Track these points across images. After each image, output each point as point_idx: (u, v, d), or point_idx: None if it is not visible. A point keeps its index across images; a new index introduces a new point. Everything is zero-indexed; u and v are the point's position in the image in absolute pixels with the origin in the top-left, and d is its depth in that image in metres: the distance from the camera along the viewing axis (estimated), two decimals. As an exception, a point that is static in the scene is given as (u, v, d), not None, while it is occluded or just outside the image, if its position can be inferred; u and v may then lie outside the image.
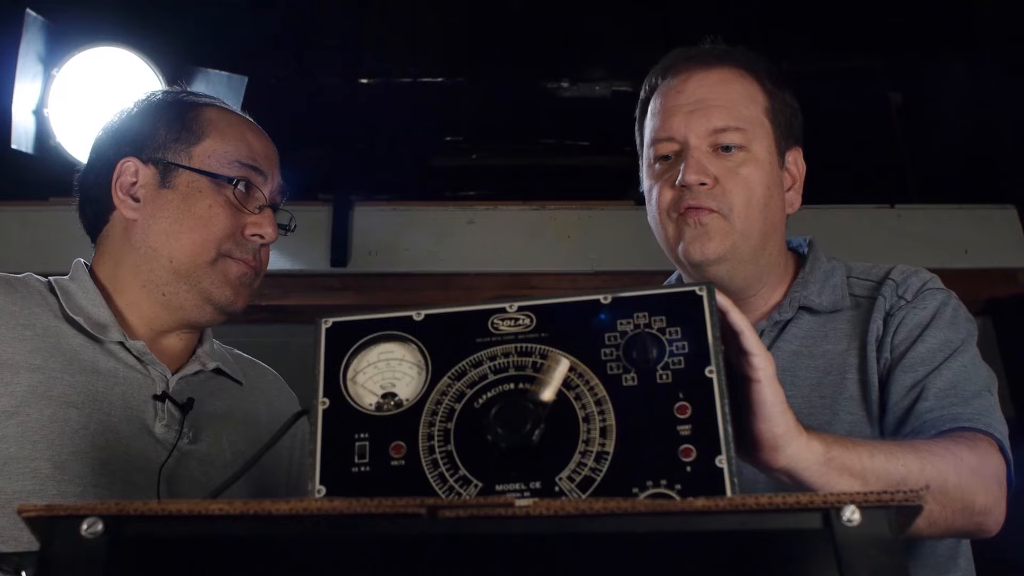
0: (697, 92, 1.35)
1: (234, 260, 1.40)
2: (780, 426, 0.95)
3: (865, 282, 1.40)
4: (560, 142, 3.60)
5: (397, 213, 3.23)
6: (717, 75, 1.37)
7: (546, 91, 3.48)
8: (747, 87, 1.38)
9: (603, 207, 3.20)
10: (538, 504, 0.69)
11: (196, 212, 1.39)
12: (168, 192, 1.41)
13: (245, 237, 1.41)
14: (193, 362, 1.43)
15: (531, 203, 3.26)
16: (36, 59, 2.67)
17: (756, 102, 1.37)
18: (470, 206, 3.27)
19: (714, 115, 1.33)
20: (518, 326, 0.87)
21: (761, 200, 1.34)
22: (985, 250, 3.19)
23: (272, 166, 1.47)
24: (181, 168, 1.41)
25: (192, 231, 1.38)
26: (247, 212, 1.42)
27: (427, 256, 3.16)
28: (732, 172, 1.32)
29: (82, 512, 0.70)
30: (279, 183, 1.48)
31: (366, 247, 3.17)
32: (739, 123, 1.33)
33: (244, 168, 1.42)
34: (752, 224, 1.33)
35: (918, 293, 1.34)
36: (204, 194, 1.40)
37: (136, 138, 1.45)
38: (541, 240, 3.20)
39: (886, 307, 1.34)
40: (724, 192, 1.31)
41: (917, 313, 1.32)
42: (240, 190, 1.41)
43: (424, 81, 3.50)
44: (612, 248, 3.12)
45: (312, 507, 0.71)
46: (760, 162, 1.34)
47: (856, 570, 0.66)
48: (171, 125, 1.44)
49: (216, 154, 1.42)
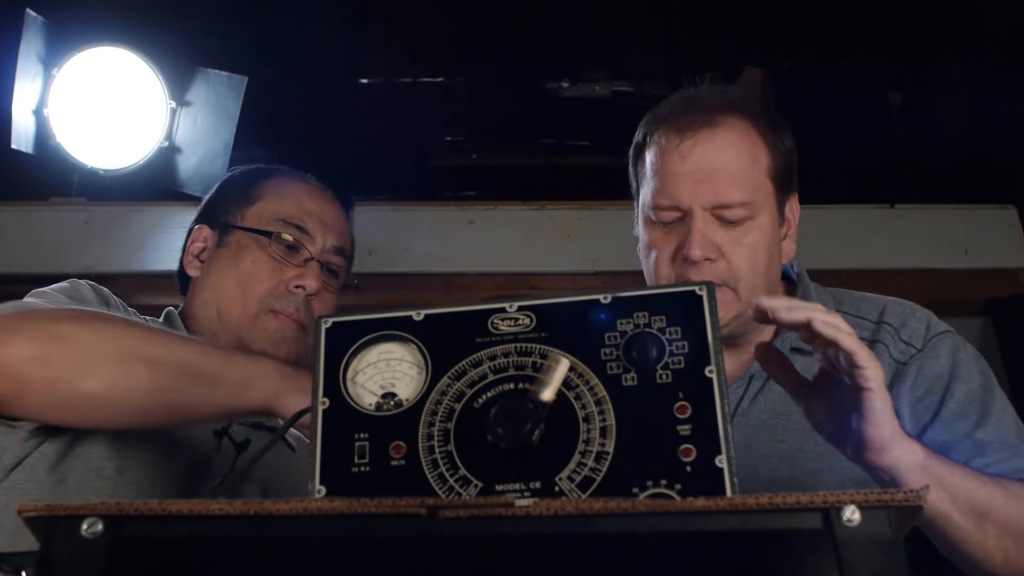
0: (703, 160, 1.32)
1: (275, 315, 1.45)
2: (888, 430, 1.01)
3: (857, 320, 1.38)
4: (560, 142, 3.60)
5: (397, 213, 3.22)
6: (722, 138, 1.33)
7: (546, 91, 3.47)
8: (752, 147, 1.35)
9: (603, 207, 3.19)
10: (538, 504, 0.70)
11: (241, 266, 1.47)
12: (222, 250, 1.51)
13: (289, 290, 1.47)
14: None
15: (531, 203, 3.26)
16: (36, 59, 2.67)
17: (760, 165, 1.35)
18: (470, 206, 3.26)
19: (721, 188, 1.31)
20: (518, 326, 0.87)
21: (764, 264, 1.34)
22: (985, 250, 3.19)
23: (325, 227, 1.54)
24: (234, 228, 1.51)
25: (237, 285, 1.46)
26: (291, 266, 1.48)
27: (427, 256, 3.16)
28: (737, 243, 1.31)
29: (82, 512, 0.70)
30: (333, 244, 1.54)
31: (366, 247, 3.16)
32: (745, 196, 1.31)
33: (287, 226, 1.50)
34: (757, 290, 1.32)
35: (927, 341, 1.34)
36: (249, 250, 1.49)
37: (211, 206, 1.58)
38: (541, 240, 3.19)
39: (892, 352, 1.33)
40: (729, 266, 1.31)
41: (933, 364, 1.32)
42: (282, 245, 1.48)
43: (424, 81, 3.50)
44: (612, 248, 3.12)
45: (312, 507, 0.71)
46: (764, 228, 1.34)
47: (856, 570, 0.66)
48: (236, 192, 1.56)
49: (265, 214, 1.52)
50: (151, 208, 2.99)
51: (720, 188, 1.31)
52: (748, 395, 1.38)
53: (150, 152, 2.88)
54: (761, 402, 1.37)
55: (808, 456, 1.30)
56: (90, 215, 2.97)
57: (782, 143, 1.39)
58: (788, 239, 1.41)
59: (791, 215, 1.42)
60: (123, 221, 2.96)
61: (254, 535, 0.71)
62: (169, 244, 1.60)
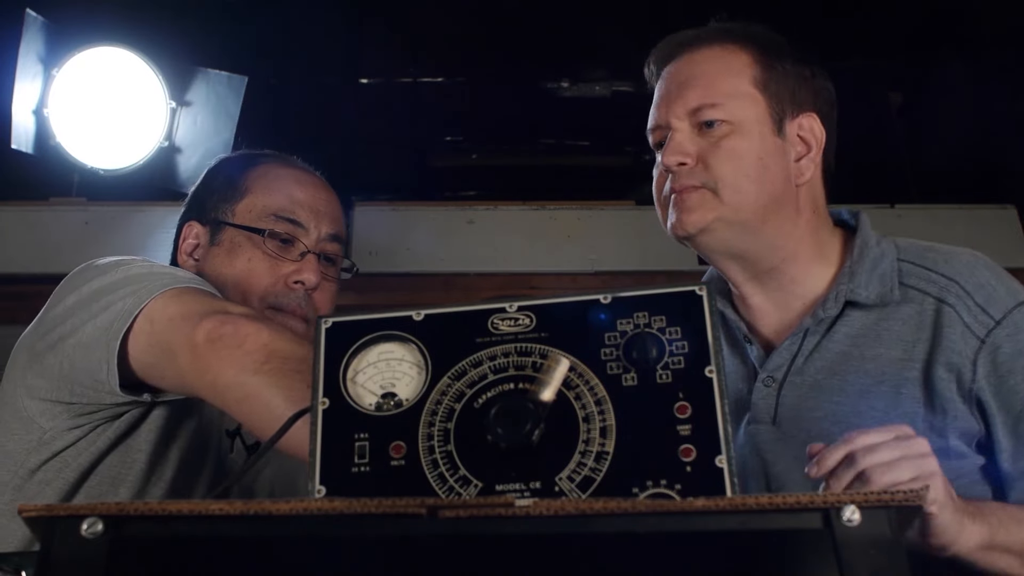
0: (679, 76, 1.35)
1: (279, 312, 1.44)
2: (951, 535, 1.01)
3: (920, 270, 1.31)
4: (560, 142, 3.60)
5: (397, 213, 3.23)
6: (701, 55, 1.36)
7: (546, 91, 3.47)
8: (732, 61, 1.34)
9: (603, 207, 3.20)
10: (538, 504, 0.69)
11: (237, 265, 1.45)
12: (216, 248, 1.48)
13: (288, 286, 1.45)
14: None
15: (531, 203, 3.26)
16: (36, 59, 2.67)
17: (742, 75, 1.33)
18: (470, 206, 3.26)
19: (690, 94, 1.32)
20: (518, 326, 0.87)
21: (752, 171, 1.29)
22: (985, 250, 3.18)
23: (318, 216, 1.50)
24: (226, 225, 1.48)
25: (235, 285, 1.44)
26: (287, 261, 1.45)
27: (427, 256, 3.16)
28: (715, 147, 1.29)
29: (82, 512, 0.70)
30: (328, 233, 1.51)
31: (366, 247, 3.17)
32: (716, 98, 1.30)
33: (279, 221, 1.46)
34: (744, 196, 1.28)
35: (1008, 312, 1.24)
36: (243, 248, 1.45)
37: (200, 201, 1.54)
38: (541, 240, 3.19)
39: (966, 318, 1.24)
40: (707, 167, 1.29)
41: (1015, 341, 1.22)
42: (275, 241, 1.45)
43: (424, 81, 3.50)
44: (612, 248, 3.12)
45: (312, 507, 0.71)
46: (748, 133, 1.30)
47: (856, 570, 0.66)
48: (223, 186, 1.52)
49: (255, 209, 1.48)
50: (151, 208, 2.99)
51: (690, 94, 1.32)
52: (803, 352, 1.31)
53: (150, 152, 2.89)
54: (817, 360, 1.30)
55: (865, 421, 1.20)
56: (90, 215, 2.97)
57: (780, 62, 1.35)
58: (806, 160, 1.35)
59: (808, 136, 1.35)
60: (123, 221, 2.96)
61: (254, 535, 0.71)
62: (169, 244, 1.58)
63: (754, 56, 1.35)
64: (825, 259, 1.36)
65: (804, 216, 1.34)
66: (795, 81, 1.36)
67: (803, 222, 1.34)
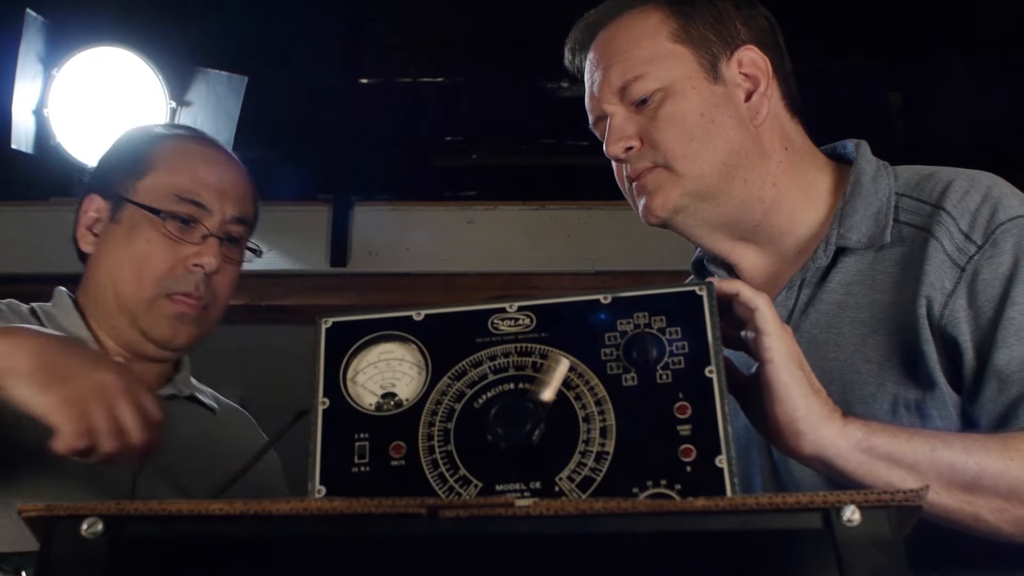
0: (597, 59, 1.25)
1: (171, 300, 1.39)
2: (800, 408, 0.90)
3: (914, 203, 1.16)
4: (560, 142, 3.60)
5: (397, 213, 3.23)
6: (613, 30, 1.25)
7: (546, 91, 3.47)
8: (642, 25, 1.23)
9: (603, 207, 3.20)
10: (538, 504, 0.70)
11: (135, 246, 1.39)
12: (115, 226, 1.42)
13: (187, 269, 1.39)
14: (168, 386, 1.44)
15: (531, 203, 3.26)
16: (36, 59, 2.67)
17: (658, 34, 1.22)
18: (470, 206, 3.27)
19: (612, 74, 1.21)
20: (518, 326, 0.87)
21: (697, 127, 1.18)
22: (985, 250, 3.19)
23: (223, 197, 1.44)
24: (127, 202, 1.42)
25: (131, 265, 1.39)
26: (187, 243, 1.40)
27: (427, 256, 3.16)
28: (652, 119, 1.19)
29: (82, 512, 0.70)
30: (232, 215, 1.45)
31: (366, 247, 3.17)
32: (637, 69, 1.19)
33: (181, 202, 1.41)
34: (699, 161, 1.18)
35: (989, 233, 1.08)
36: (143, 228, 1.40)
37: (103, 173, 1.48)
38: (541, 240, 3.20)
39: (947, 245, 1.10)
40: (653, 144, 1.19)
41: (994, 262, 1.07)
42: (176, 223, 1.40)
43: (424, 81, 3.50)
44: (612, 248, 3.12)
45: (312, 507, 0.71)
46: (680, 91, 1.19)
47: (856, 570, 0.66)
48: (127, 159, 1.46)
49: (157, 187, 1.42)
50: (151, 208, 2.98)
51: (611, 75, 1.22)
52: (799, 307, 1.20)
53: (150, 152, 2.88)
54: (812, 314, 1.18)
55: (861, 377, 1.12)
56: (90, 215, 2.96)
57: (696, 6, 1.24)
58: (757, 95, 1.22)
59: (752, 70, 1.23)
60: (123, 221, 2.96)
61: (254, 535, 0.71)
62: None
63: (666, 11, 1.23)
64: (814, 200, 1.24)
65: (775, 158, 1.22)
66: (717, 20, 1.23)
67: (774, 165, 1.22)
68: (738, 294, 0.92)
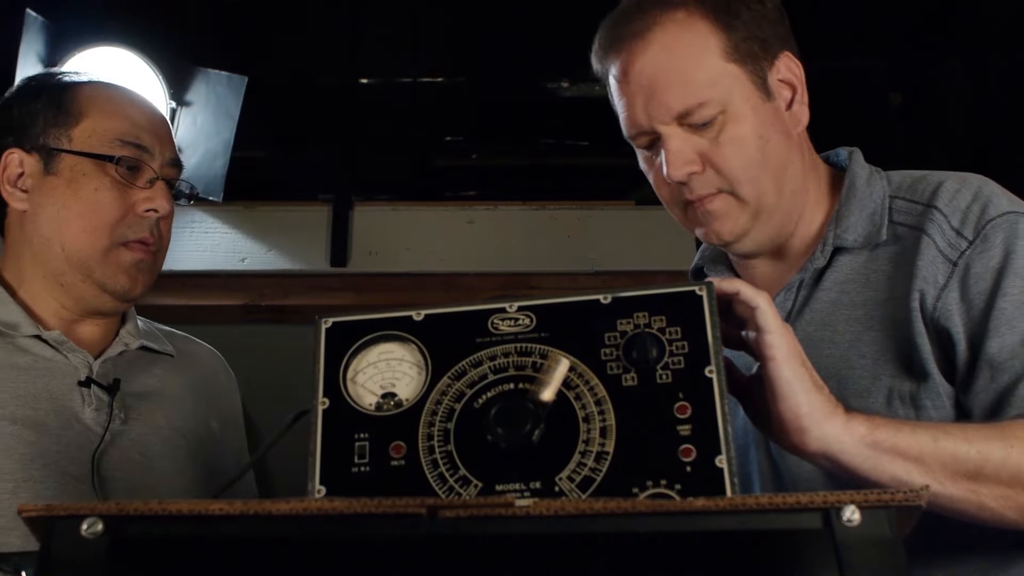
0: (641, 75, 1.19)
1: (128, 248, 1.36)
2: (804, 405, 0.90)
3: (908, 204, 1.20)
4: (560, 142, 3.60)
5: (397, 213, 3.22)
6: (656, 43, 1.19)
7: (546, 91, 3.47)
8: (692, 38, 1.19)
9: (603, 207, 3.20)
10: (538, 504, 0.70)
11: (83, 196, 1.36)
12: (53, 178, 1.37)
13: (139, 215, 1.37)
14: (116, 344, 1.41)
15: (531, 203, 3.26)
16: (36, 59, 2.67)
17: (710, 52, 1.18)
18: (470, 206, 3.26)
19: (669, 99, 1.17)
20: (518, 326, 0.87)
21: (757, 152, 1.18)
22: (985, 250, 3.19)
23: (160, 139, 1.42)
24: (63, 152, 1.37)
25: (81, 217, 1.35)
26: (136, 188, 1.37)
27: (427, 256, 3.16)
28: (715, 144, 1.17)
29: (82, 512, 0.70)
30: (170, 156, 1.43)
31: (366, 247, 3.17)
32: (700, 96, 1.16)
33: (126, 146, 1.38)
34: (759, 183, 1.19)
35: (980, 229, 1.12)
36: (89, 177, 1.36)
37: (16, 128, 1.41)
38: (541, 240, 3.19)
39: (939, 242, 1.13)
40: (717, 170, 1.18)
41: (985, 257, 1.10)
42: (124, 168, 1.37)
43: (424, 81, 3.50)
44: (612, 248, 3.12)
45: (312, 507, 0.71)
46: (740, 114, 1.18)
47: (856, 570, 0.66)
48: (48, 109, 1.41)
49: (96, 134, 1.38)
50: (151, 208, 2.98)
51: (668, 99, 1.17)
52: (796, 307, 1.23)
53: (150, 152, 2.88)
54: (807, 313, 1.22)
55: (856, 372, 1.15)
56: (90, 215, 2.96)
57: (737, 17, 1.21)
58: (797, 104, 1.23)
59: (791, 77, 1.24)
60: (123, 221, 2.96)
61: (254, 535, 0.71)
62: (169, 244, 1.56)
63: (712, 22, 1.19)
64: (818, 203, 1.26)
65: (806, 165, 1.25)
66: (756, 27, 1.21)
67: (804, 172, 1.24)
68: (738, 293, 0.92)
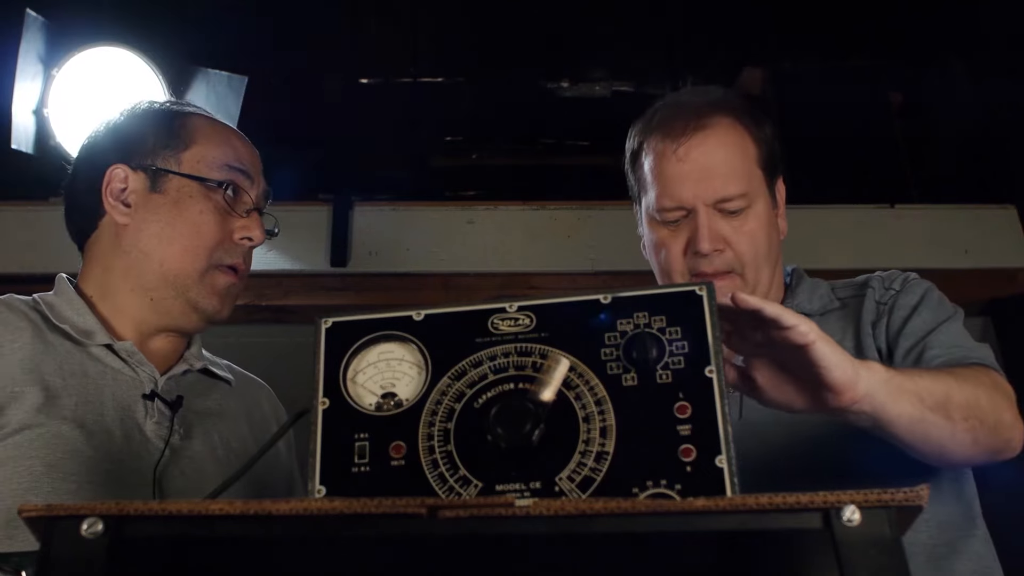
0: (700, 161, 1.42)
1: (222, 271, 1.42)
2: (848, 366, 1.04)
3: (848, 287, 1.51)
4: (560, 142, 3.60)
5: (397, 213, 3.22)
6: (714, 137, 1.44)
7: (546, 91, 3.47)
8: (740, 142, 1.46)
9: (603, 207, 3.19)
10: (538, 504, 0.70)
11: (187, 217, 1.41)
12: (158, 197, 1.42)
13: (235, 241, 1.43)
14: (181, 363, 1.45)
15: (531, 203, 3.26)
16: (36, 59, 2.67)
17: (749, 156, 1.46)
18: (470, 206, 3.26)
19: (719, 184, 1.41)
20: (518, 326, 0.87)
21: (765, 248, 1.44)
22: (985, 250, 3.18)
23: (257, 170, 1.49)
24: (171, 174, 1.43)
25: (184, 237, 1.40)
26: (236, 216, 1.44)
27: (427, 256, 3.16)
28: (739, 232, 1.42)
29: (82, 512, 0.70)
30: (264, 187, 1.51)
31: (366, 247, 3.17)
32: (742, 188, 1.42)
33: (232, 171, 1.44)
34: (761, 271, 1.44)
35: (905, 283, 1.47)
36: (195, 199, 1.42)
37: (124, 145, 1.46)
38: (541, 240, 3.19)
39: (876, 297, 1.46)
40: (736, 253, 1.42)
41: (907, 297, 1.43)
42: (229, 194, 1.43)
43: (424, 81, 3.50)
44: (612, 248, 3.12)
45: (312, 507, 0.71)
46: (760, 214, 1.44)
47: (856, 570, 0.66)
48: (159, 132, 1.46)
49: (205, 159, 1.44)
50: (151, 208, 2.98)
51: (719, 184, 1.42)
52: None
53: (150, 152, 2.87)
54: None
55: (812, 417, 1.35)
56: (90, 215, 2.96)
57: (765, 133, 1.50)
58: (781, 218, 1.53)
59: (780, 196, 1.53)
60: (123, 221, 2.95)
61: (254, 535, 0.71)
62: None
63: (751, 133, 1.47)
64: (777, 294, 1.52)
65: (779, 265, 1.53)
66: (773, 146, 1.50)
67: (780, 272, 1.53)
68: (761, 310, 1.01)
